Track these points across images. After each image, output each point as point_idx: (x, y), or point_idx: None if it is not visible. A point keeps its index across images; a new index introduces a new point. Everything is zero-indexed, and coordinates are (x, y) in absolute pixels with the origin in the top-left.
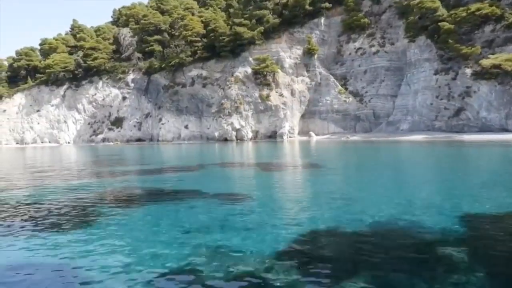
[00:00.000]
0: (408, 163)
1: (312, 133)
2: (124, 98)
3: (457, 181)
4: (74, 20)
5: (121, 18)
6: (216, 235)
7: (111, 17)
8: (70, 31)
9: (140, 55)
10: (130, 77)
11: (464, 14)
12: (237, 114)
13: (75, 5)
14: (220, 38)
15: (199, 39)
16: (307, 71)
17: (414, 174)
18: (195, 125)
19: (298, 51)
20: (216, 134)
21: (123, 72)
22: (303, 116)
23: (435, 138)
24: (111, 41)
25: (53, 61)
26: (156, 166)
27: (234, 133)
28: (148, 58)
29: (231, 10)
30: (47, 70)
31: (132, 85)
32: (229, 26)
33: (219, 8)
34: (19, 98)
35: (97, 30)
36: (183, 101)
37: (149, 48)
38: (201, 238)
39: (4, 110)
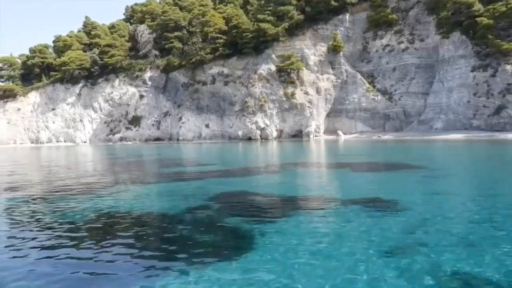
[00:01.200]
0: (499, 162)
1: (340, 132)
2: (141, 97)
3: None
4: (86, 17)
5: (135, 15)
6: (447, 256)
7: (124, 14)
8: (82, 28)
9: (157, 52)
10: (147, 74)
11: (503, 9)
12: (262, 113)
13: (85, 3)
14: (243, 34)
15: (221, 35)
16: (332, 68)
17: None
18: (216, 124)
19: (322, 48)
20: (240, 133)
21: (140, 70)
22: (328, 115)
23: (476, 137)
24: (126, 38)
25: (69, 59)
26: (230, 167)
27: (258, 132)
28: (165, 56)
29: (249, 7)
30: (62, 68)
31: (149, 83)
32: (252, 22)
33: (238, 4)
34: (34, 97)
35: (112, 27)
36: (204, 99)
37: (169, 45)
38: (428, 262)
39: (19, 109)
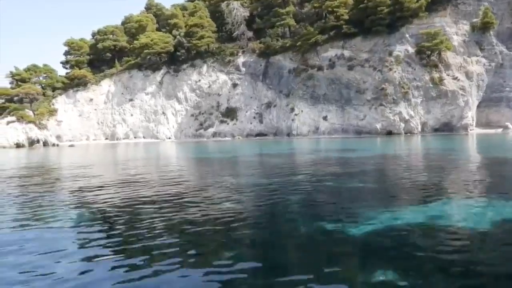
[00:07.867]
0: None
1: (510, 125)
2: (234, 85)
3: None
4: None
5: None
6: None
7: None
8: (145, 11)
9: (251, 33)
10: (241, 60)
11: None
12: (405, 102)
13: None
14: (377, 9)
15: (346, 11)
16: (481, 50)
17: None
18: (336, 116)
19: (465, 26)
20: (378, 126)
21: (232, 54)
22: (478, 105)
23: None
24: (208, 18)
25: (151, 40)
26: None
27: (402, 125)
28: (258, 38)
29: None
30: (145, 51)
31: (243, 69)
32: None
33: None
34: (107, 85)
35: (183, 8)
36: (320, 87)
37: (281, 22)
38: None
39: (91, 99)
